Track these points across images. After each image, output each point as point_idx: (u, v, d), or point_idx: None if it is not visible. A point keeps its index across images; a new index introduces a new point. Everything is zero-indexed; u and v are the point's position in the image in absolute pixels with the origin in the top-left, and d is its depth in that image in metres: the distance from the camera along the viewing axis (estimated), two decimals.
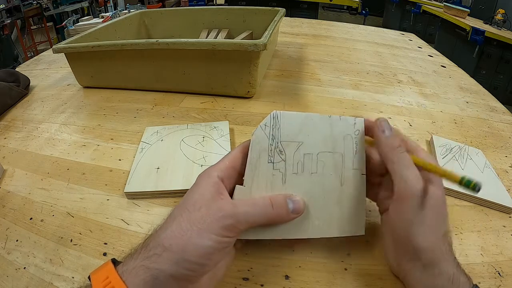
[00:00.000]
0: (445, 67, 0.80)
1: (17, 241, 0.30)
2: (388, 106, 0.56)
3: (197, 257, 0.20)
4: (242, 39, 0.71)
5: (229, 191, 0.24)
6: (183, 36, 0.80)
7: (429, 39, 2.90)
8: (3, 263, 0.28)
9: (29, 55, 2.87)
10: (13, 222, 0.32)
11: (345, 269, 0.28)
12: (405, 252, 0.24)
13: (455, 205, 0.35)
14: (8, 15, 2.50)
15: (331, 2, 2.97)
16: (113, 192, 0.36)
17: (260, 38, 0.49)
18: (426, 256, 0.23)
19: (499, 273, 0.28)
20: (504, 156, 0.44)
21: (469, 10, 2.65)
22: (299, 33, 1.00)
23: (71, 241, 0.30)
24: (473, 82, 0.72)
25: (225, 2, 2.90)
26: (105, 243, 0.30)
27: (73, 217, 0.33)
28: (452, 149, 0.42)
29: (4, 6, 2.51)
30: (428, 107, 0.57)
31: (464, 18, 2.57)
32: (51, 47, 0.65)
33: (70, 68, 0.60)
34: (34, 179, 0.38)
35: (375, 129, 0.26)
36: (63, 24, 2.29)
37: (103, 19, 1.48)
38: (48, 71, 0.72)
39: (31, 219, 0.33)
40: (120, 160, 0.41)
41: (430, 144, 0.45)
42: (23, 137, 0.47)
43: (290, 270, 0.28)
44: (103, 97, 0.58)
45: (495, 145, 0.47)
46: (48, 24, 3.16)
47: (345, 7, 3.67)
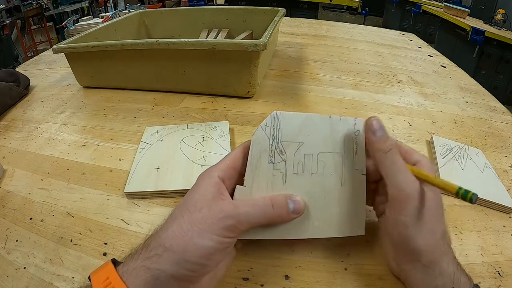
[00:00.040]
0: (445, 67, 0.80)
1: (17, 241, 0.30)
2: (388, 106, 0.56)
3: (198, 258, 0.20)
4: (242, 39, 0.71)
5: (229, 191, 0.24)
6: (183, 36, 0.80)
7: (429, 39, 2.90)
8: (3, 263, 0.28)
9: (29, 55, 2.87)
10: (13, 222, 0.32)
11: (345, 269, 0.28)
12: (405, 254, 0.24)
13: (455, 205, 0.35)
14: (8, 15, 2.50)
15: (331, 2, 2.97)
16: (113, 192, 0.36)
17: (260, 38, 0.49)
18: (426, 257, 0.23)
19: (499, 273, 0.28)
20: (504, 156, 0.44)
21: (469, 10, 2.65)
22: (299, 33, 1.00)
23: (71, 241, 0.30)
24: (473, 82, 0.72)
25: (225, 2, 2.90)
26: (105, 243, 0.30)
27: (73, 217, 0.33)
28: (452, 149, 0.42)
29: (4, 6, 2.51)
30: (428, 107, 0.57)
31: (464, 18, 2.57)
32: (51, 47, 0.65)
33: (70, 68, 0.60)
34: (34, 179, 0.38)
35: (365, 129, 0.25)
36: (63, 24, 2.29)
37: (103, 19, 1.48)
38: (48, 71, 0.72)
39: (31, 219, 0.33)
40: (120, 160, 0.41)
41: (430, 144, 0.45)
42: (23, 137, 0.47)
43: (290, 270, 0.28)
44: (103, 97, 0.58)
45: (495, 145, 0.47)
46: (48, 24, 3.16)
47: (345, 7, 3.67)
